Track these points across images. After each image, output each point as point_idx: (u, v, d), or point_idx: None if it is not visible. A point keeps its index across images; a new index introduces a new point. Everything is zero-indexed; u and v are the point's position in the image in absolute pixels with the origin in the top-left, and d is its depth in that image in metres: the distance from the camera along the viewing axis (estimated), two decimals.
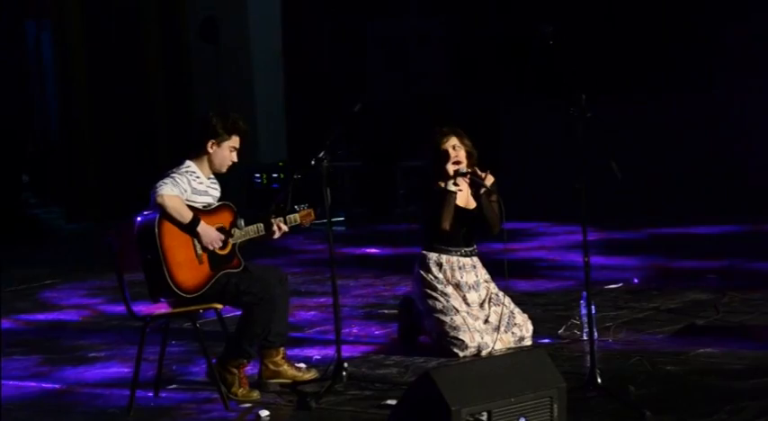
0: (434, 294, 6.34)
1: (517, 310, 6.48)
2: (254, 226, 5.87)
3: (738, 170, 11.91)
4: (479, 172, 6.36)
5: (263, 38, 14.57)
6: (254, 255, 6.03)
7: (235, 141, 5.86)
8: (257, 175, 13.73)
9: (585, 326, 6.13)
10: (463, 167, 6.36)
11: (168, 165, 5.85)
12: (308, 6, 14.49)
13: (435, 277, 6.37)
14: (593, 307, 5.77)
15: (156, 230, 5.52)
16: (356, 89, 13.70)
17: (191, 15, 14.39)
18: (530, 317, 6.55)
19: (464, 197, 6.48)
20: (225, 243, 5.72)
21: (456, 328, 6.19)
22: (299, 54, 14.51)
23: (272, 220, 5.89)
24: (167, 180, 5.63)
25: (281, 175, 13.56)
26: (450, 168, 6.35)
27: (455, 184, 6.36)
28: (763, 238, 10.27)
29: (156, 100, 14.30)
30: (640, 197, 11.84)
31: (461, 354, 6.16)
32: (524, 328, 6.43)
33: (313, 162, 5.83)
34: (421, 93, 13.97)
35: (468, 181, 6.41)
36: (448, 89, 13.96)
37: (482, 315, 6.34)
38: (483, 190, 6.37)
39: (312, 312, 7.89)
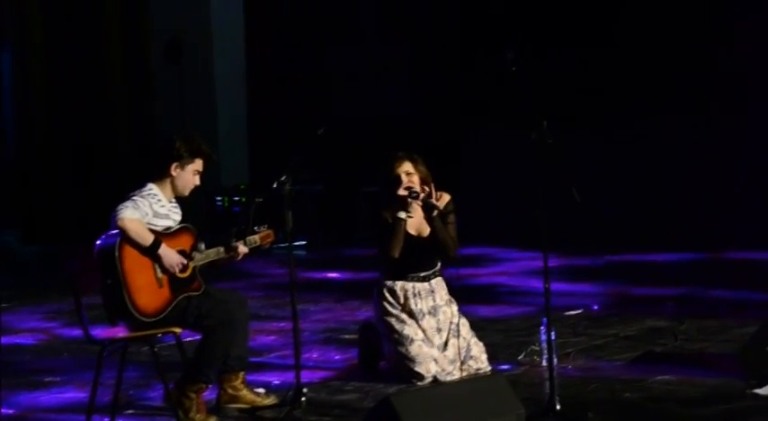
0: (390, 321, 6.32)
1: (474, 341, 6.46)
2: (215, 249, 5.85)
3: (697, 197, 12.02)
4: (431, 194, 6.31)
5: (226, 59, 14.54)
6: (214, 278, 6.00)
7: (198, 164, 5.84)
8: (218, 198, 13.66)
9: (545, 352, 6.15)
10: (417, 192, 6.30)
11: (130, 188, 5.82)
12: (272, 29, 14.51)
13: (390, 303, 6.35)
14: (553, 333, 5.79)
15: (117, 254, 5.49)
16: (320, 113, 13.72)
17: (154, 36, 14.34)
18: (487, 345, 6.54)
19: (416, 224, 6.42)
20: (185, 266, 5.69)
21: (412, 360, 6.17)
22: (263, 76, 14.51)
23: (233, 243, 5.87)
24: (128, 203, 5.60)
25: (243, 199, 13.50)
26: (402, 194, 6.30)
27: (406, 211, 6.28)
28: (720, 266, 10.36)
29: (118, 121, 14.23)
30: (600, 224, 11.91)
31: (419, 384, 6.15)
32: (479, 360, 6.41)
33: (275, 185, 5.82)
34: (383, 118, 14.00)
35: (420, 204, 6.35)
36: (410, 115, 14.02)
37: (438, 340, 6.30)
38: (435, 212, 6.32)
39: (272, 337, 7.86)
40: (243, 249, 5.88)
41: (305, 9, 14.43)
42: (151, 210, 5.68)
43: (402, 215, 6.27)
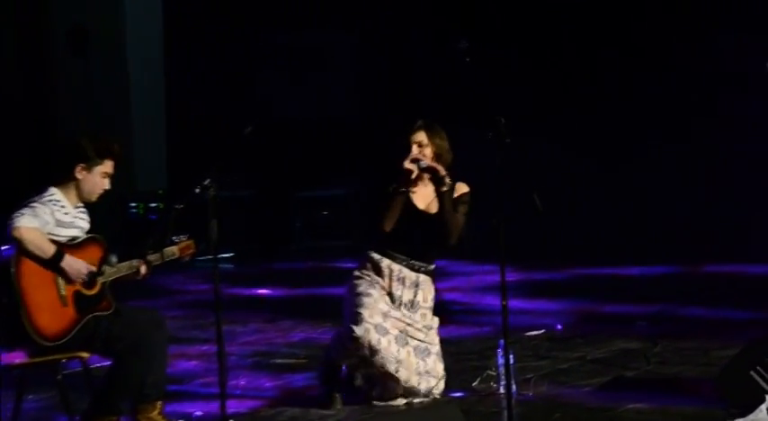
0: (358, 282, 6.31)
1: (439, 362, 6.47)
2: (128, 262, 5.80)
3: (671, 207, 12.15)
4: (442, 170, 6.42)
5: (141, 50, 14.45)
6: (126, 295, 5.95)
7: (108, 166, 5.81)
8: (133, 205, 13.58)
9: (503, 377, 6.16)
10: (424, 162, 6.43)
11: (28, 194, 5.75)
12: (195, 15, 14.43)
13: (367, 275, 6.36)
14: (511, 356, 5.79)
15: (13, 269, 5.43)
16: (248, 109, 13.67)
17: (57, 23, 14.20)
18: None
19: (426, 197, 6.52)
20: (93, 282, 5.63)
21: (357, 314, 6.15)
22: (184, 69, 14.44)
23: (150, 256, 5.83)
24: (25, 210, 5.54)
25: (161, 205, 13.43)
26: (407, 165, 6.42)
27: (409, 184, 6.38)
28: (697, 281, 10.46)
29: (14, 122, 14.06)
30: (565, 234, 11.99)
31: (355, 333, 6.09)
32: (437, 381, 6.40)
33: (197, 190, 5.79)
34: (323, 114, 13.99)
35: (428, 175, 6.48)
36: (351, 112, 14.02)
37: (400, 325, 6.28)
38: (444, 188, 6.42)
39: (194, 362, 7.81)
40: (144, 270, 5.82)
41: None
42: (53, 219, 5.62)
43: (401, 189, 6.37)
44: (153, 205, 13.57)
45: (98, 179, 5.79)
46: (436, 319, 6.56)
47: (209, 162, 5.90)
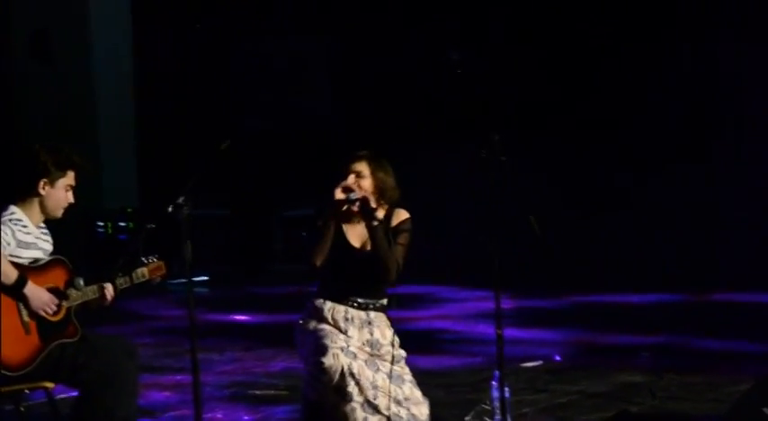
0: (308, 329, 6.27)
1: (419, 396, 6.44)
2: (95, 286, 5.78)
3: (679, 230, 12.17)
4: (371, 202, 6.34)
5: (109, 56, 14.45)
6: (94, 321, 5.93)
7: (70, 178, 5.81)
8: (100, 224, 13.57)
9: (497, 412, 6.16)
10: (356, 193, 6.35)
11: None
12: (164, 23, 14.44)
13: (310, 321, 6.31)
14: (506, 389, 5.79)
15: None
16: (225, 121, 13.68)
17: (17, 27, 14.18)
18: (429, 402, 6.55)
19: (361, 236, 6.46)
20: (58, 307, 5.62)
21: (321, 336, 6.12)
22: (155, 77, 14.45)
23: (119, 279, 5.82)
24: None
25: (131, 225, 13.43)
26: (337, 193, 6.34)
27: (339, 214, 6.31)
28: (706, 310, 10.48)
29: None
30: (564, 259, 12.01)
31: (325, 363, 6.06)
32: (415, 398, 6.39)
33: (170, 209, 5.78)
34: (304, 127, 14.01)
35: (355, 208, 6.37)
36: (332, 126, 14.04)
37: (364, 354, 6.26)
38: (374, 223, 6.35)
39: (166, 392, 7.79)
40: (110, 293, 5.81)
41: None
42: (14, 240, 5.61)
43: (329, 220, 6.30)
44: (122, 224, 13.57)
45: (62, 193, 5.79)
46: (402, 351, 6.50)
47: (183, 178, 5.90)
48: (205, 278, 12.54)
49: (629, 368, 8.05)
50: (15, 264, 5.56)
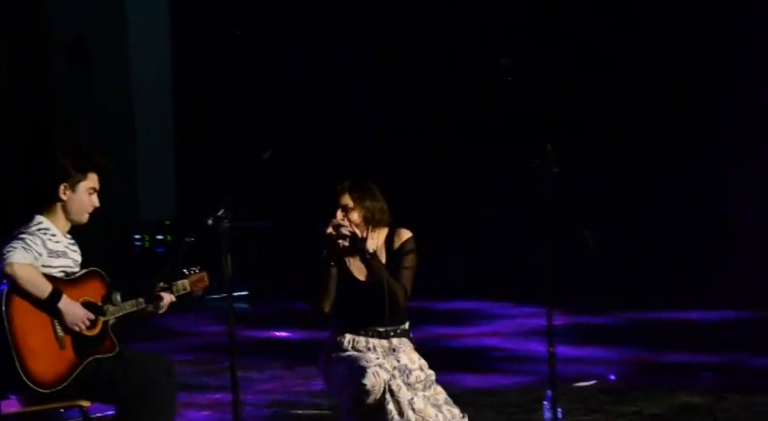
0: (338, 357, 6.28)
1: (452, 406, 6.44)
2: (133, 300, 5.81)
3: (739, 243, 12.09)
4: (361, 232, 6.35)
5: (147, 65, 14.53)
6: (129, 337, 5.96)
7: (92, 180, 5.83)
8: (137, 237, 13.62)
9: None
10: (345, 228, 6.37)
11: (17, 224, 5.77)
12: (204, 30, 14.50)
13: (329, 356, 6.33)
14: (559, 410, 5.78)
15: (4, 308, 5.44)
16: (266, 131, 13.72)
17: (55, 34, 14.28)
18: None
19: (363, 268, 6.45)
20: (94, 321, 5.65)
21: (354, 360, 6.13)
22: (194, 86, 14.52)
23: (158, 292, 5.84)
24: (17, 243, 5.55)
25: (169, 238, 13.47)
26: (329, 232, 6.36)
27: (334, 254, 6.31)
28: None
29: (11, 138, 14.14)
30: (619, 274, 11.95)
31: (366, 384, 6.05)
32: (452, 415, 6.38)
33: (210, 222, 5.81)
34: (348, 139, 14.03)
35: (348, 243, 6.40)
36: (381, 134, 14.06)
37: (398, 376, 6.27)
38: (368, 256, 6.36)
39: (205, 412, 7.82)
40: (168, 299, 5.84)
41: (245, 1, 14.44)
42: (45, 249, 5.64)
43: (329, 261, 6.31)
44: (159, 237, 13.62)
45: (85, 197, 5.81)
46: (431, 372, 6.48)
47: (223, 189, 5.93)
48: (245, 293, 12.57)
49: (689, 388, 8.00)
50: (50, 277, 5.59)
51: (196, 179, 13.96)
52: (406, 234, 6.43)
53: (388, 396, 6.02)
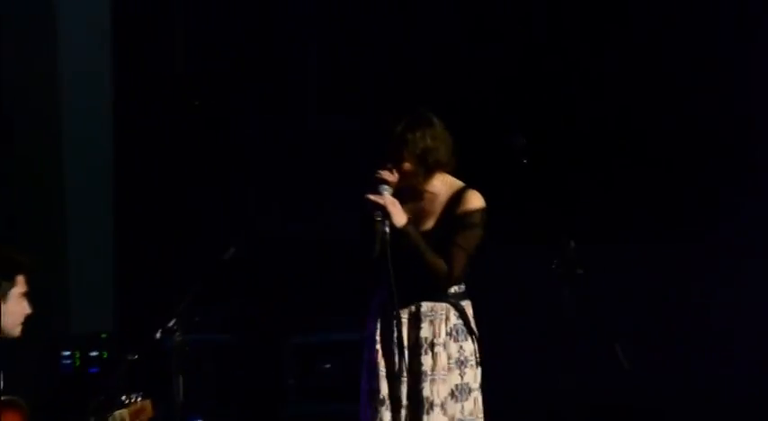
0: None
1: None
2: None
3: None
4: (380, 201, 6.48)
5: (81, 137, 14.56)
6: None
7: (22, 284, 5.89)
8: (66, 354, 13.59)
9: None
10: (385, 187, 6.51)
11: None
12: (152, 106, 14.54)
13: (371, 334, 6.51)
14: None
15: None
16: (228, 225, 13.76)
17: None
18: None
19: (417, 214, 6.61)
20: None
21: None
22: (141, 164, 14.54)
23: None
24: None
25: (105, 354, 13.46)
26: (372, 195, 6.55)
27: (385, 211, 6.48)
28: None
29: None
30: (662, 396, 11.96)
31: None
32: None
33: (158, 335, 5.84)
34: (326, 234, 14.08)
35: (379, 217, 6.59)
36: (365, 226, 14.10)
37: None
38: (400, 226, 6.48)
39: None
40: None
41: (206, 56, 14.50)
42: None
43: (377, 216, 6.45)
44: (94, 354, 13.59)
45: (17, 307, 5.85)
46: (468, 347, 6.54)
47: (174, 297, 5.96)
48: None
49: None
50: None
51: (141, 283, 13.97)
52: (475, 200, 6.55)
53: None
